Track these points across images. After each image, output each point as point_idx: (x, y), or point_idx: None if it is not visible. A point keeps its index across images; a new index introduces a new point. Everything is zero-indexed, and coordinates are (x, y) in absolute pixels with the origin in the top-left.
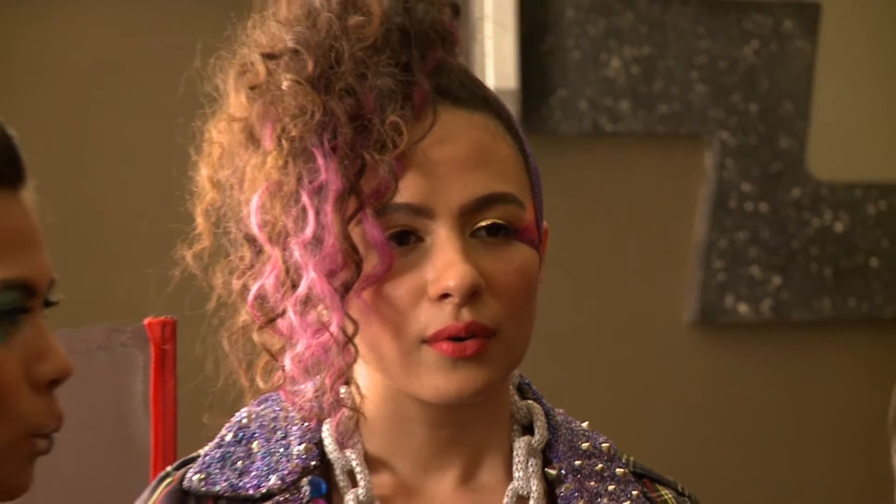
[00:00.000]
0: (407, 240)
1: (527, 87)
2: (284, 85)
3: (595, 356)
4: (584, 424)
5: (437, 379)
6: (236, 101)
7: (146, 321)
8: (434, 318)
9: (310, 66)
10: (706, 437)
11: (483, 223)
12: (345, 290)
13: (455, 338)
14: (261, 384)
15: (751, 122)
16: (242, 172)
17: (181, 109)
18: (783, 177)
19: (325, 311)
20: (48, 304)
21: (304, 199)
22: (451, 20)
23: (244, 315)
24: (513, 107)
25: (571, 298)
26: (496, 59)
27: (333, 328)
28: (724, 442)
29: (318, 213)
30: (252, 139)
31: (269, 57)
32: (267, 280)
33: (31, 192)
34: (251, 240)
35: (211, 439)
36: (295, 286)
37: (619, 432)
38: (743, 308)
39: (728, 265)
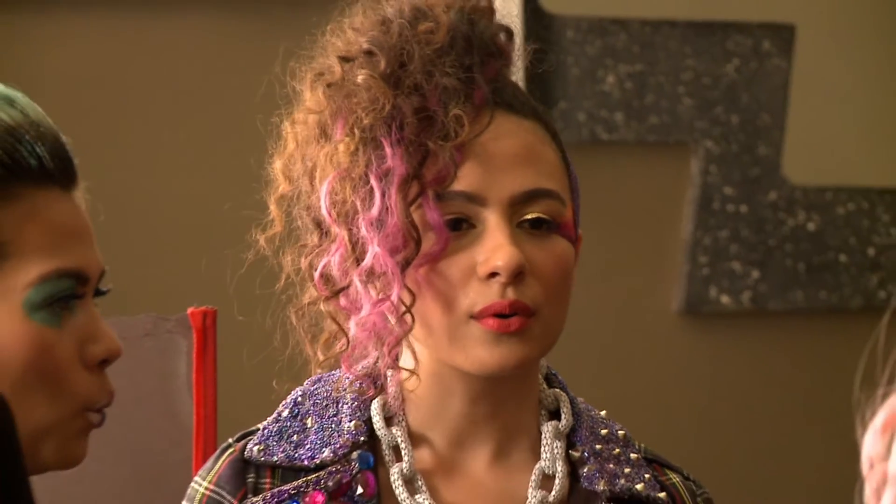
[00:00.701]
0: (460, 226)
1: (534, 99)
2: (359, 79)
3: (592, 341)
4: (603, 413)
5: (482, 351)
6: (312, 99)
7: (189, 311)
8: (482, 295)
9: (382, 64)
10: (691, 415)
11: (529, 216)
12: (404, 265)
13: (500, 315)
14: (321, 356)
15: (732, 132)
16: (314, 163)
17: (261, 107)
18: (761, 181)
19: (385, 285)
20: (99, 292)
21: (372, 182)
22: (507, 42)
23: (310, 293)
24: None
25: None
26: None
27: (394, 297)
28: (708, 420)
29: (383, 195)
30: (324, 133)
31: (345, 59)
32: (333, 257)
33: (83, 193)
34: (319, 224)
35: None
36: (359, 260)
37: (613, 412)
38: (725, 299)
39: (711, 260)
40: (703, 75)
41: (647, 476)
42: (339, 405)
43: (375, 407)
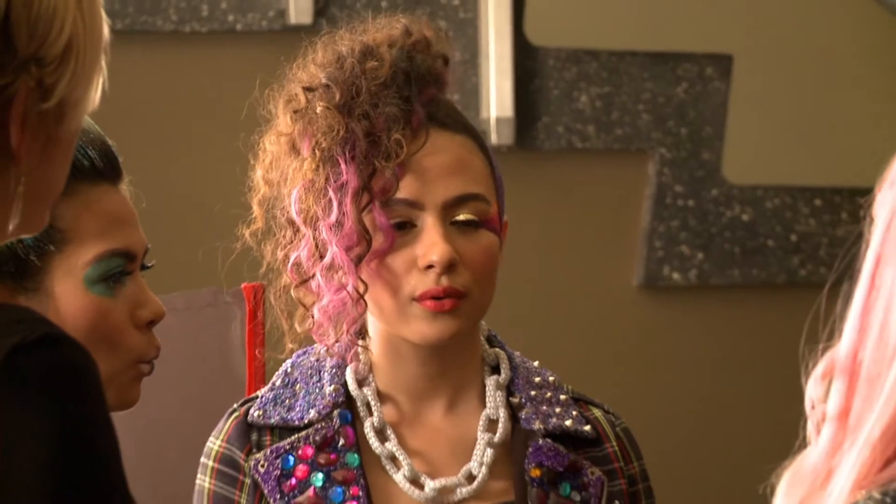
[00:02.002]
0: (404, 227)
1: (520, 116)
2: (318, 110)
3: (567, 309)
4: (535, 363)
5: (423, 327)
6: (283, 122)
7: (243, 286)
8: (421, 282)
9: (337, 96)
10: (648, 370)
11: (460, 217)
12: (358, 261)
13: (435, 297)
14: (297, 328)
15: (681, 142)
16: (286, 173)
17: (243, 127)
18: (705, 181)
19: (343, 276)
20: (144, 267)
21: (331, 193)
22: (443, 67)
23: (285, 278)
24: (510, 130)
25: (551, 269)
26: (498, 97)
27: (350, 288)
28: (662, 373)
29: (340, 204)
30: (294, 149)
31: (308, 89)
32: (301, 252)
33: (127, 186)
34: (291, 222)
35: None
36: (322, 256)
37: (583, 368)
38: (676, 276)
39: (665, 245)
40: (658, 95)
41: (574, 413)
42: (321, 373)
43: (349, 373)
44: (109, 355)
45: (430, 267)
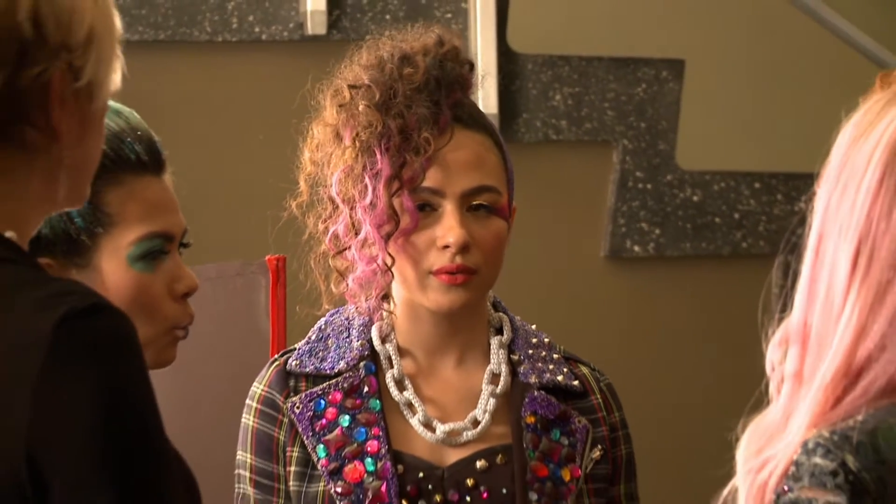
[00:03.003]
0: (426, 209)
1: (503, 112)
2: (360, 107)
3: (542, 276)
4: (533, 327)
5: (438, 297)
6: (329, 113)
7: (267, 258)
8: (438, 259)
9: (377, 96)
10: (613, 330)
11: (476, 202)
12: (387, 238)
13: (450, 272)
14: (333, 290)
15: (641, 134)
16: (329, 157)
17: (298, 113)
18: (661, 167)
19: (374, 250)
20: (183, 245)
21: (367, 179)
22: (469, 73)
23: (324, 247)
24: (495, 125)
25: (531, 241)
26: (484, 96)
27: (379, 260)
28: (625, 333)
29: (374, 189)
30: (337, 137)
31: (352, 87)
32: (339, 226)
33: (170, 176)
34: (331, 200)
35: (302, 333)
36: (357, 233)
37: (556, 330)
38: (636, 248)
39: (627, 222)
40: (621, 95)
41: (565, 370)
42: (350, 330)
43: (374, 330)
44: (148, 322)
45: (446, 247)
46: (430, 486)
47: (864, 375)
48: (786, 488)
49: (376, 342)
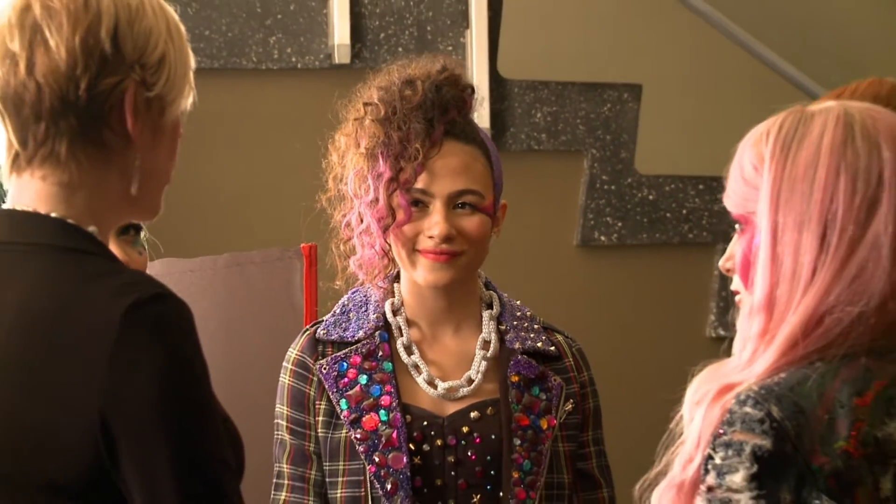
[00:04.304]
0: (418, 206)
1: (494, 127)
2: (367, 122)
3: (523, 263)
4: (518, 302)
5: (426, 274)
6: (349, 125)
7: (302, 246)
8: (425, 244)
9: (382, 112)
10: (584, 308)
11: (460, 202)
12: (385, 228)
13: (434, 253)
14: (351, 266)
15: (607, 145)
16: (347, 161)
17: (327, 126)
18: (622, 172)
19: (374, 238)
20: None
21: (370, 180)
22: (469, 95)
23: (341, 234)
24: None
25: (516, 233)
26: (477, 114)
27: (377, 246)
28: (594, 310)
29: (376, 188)
30: (356, 144)
31: (365, 104)
32: (352, 217)
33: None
34: (346, 196)
35: (330, 306)
36: (362, 222)
37: (536, 308)
38: (603, 238)
39: (595, 216)
40: (591, 113)
41: (543, 338)
42: (367, 305)
43: (387, 305)
44: None
45: (432, 237)
46: (432, 433)
47: (822, 325)
48: (721, 431)
49: (389, 315)
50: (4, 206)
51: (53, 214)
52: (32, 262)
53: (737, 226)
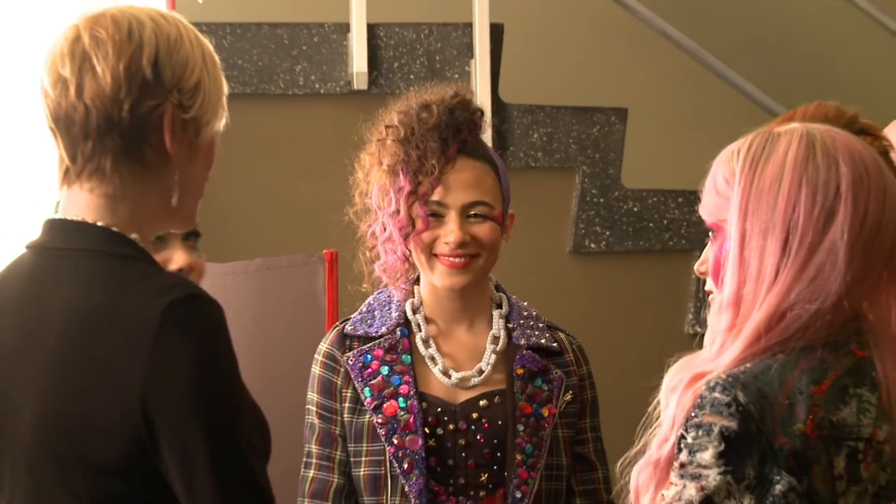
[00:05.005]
0: (435, 216)
1: (495, 146)
2: (388, 142)
3: (523, 268)
4: (525, 303)
5: (444, 279)
6: (372, 145)
7: (324, 252)
8: (442, 250)
9: (402, 133)
10: (574, 306)
11: (472, 212)
12: (406, 236)
13: (451, 258)
14: (376, 271)
15: (596, 162)
16: (371, 177)
17: (355, 146)
18: (610, 187)
19: (395, 245)
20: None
21: (392, 194)
22: (479, 118)
23: (367, 242)
24: None
25: (515, 240)
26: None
27: (399, 252)
28: (585, 309)
29: (397, 201)
30: (378, 163)
31: (387, 126)
32: (376, 227)
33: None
34: (371, 208)
35: (352, 309)
36: (385, 231)
37: (535, 306)
38: (592, 245)
39: (585, 226)
40: (581, 133)
41: (547, 335)
42: (390, 304)
43: (408, 305)
44: None
45: (447, 243)
46: (445, 418)
47: (783, 320)
48: (693, 414)
49: (409, 313)
50: (57, 216)
51: (100, 223)
52: (82, 266)
53: (710, 233)
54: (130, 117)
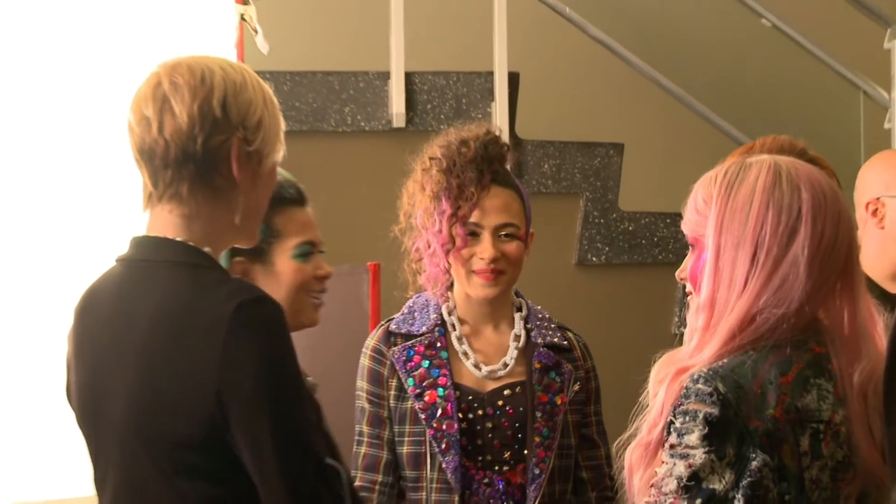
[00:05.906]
0: (473, 236)
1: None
2: (433, 171)
3: (534, 279)
4: (539, 307)
5: (478, 290)
6: (417, 173)
7: (368, 263)
8: (478, 265)
9: (444, 164)
10: (578, 312)
11: (503, 233)
12: (447, 251)
13: (486, 273)
14: (420, 281)
15: (597, 188)
16: (416, 201)
17: (401, 174)
18: (609, 209)
19: (438, 259)
20: (321, 251)
21: (436, 215)
22: (506, 152)
23: (412, 255)
24: None
25: (527, 256)
26: None
27: (441, 265)
28: (588, 313)
29: (440, 222)
30: (423, 188)
31: (431, 158)
32: (420, 243)
33: (310, 207)
34: (415, 227)
35: (391, 311)
36: (429, 248)
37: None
38: (594, 259)
39: (589, 242)
40: (585, 165)
41: (559, 335)
42: (429, 307)
43: (444, 308)
44: (303, 292)
45: (482, 259)
46: (475, 405)
47: (754, 323)
48: (680, 403)
49: (445, 315)
50: (143, 234)
51: (178, 238)
52: (165, 274)
53: (690, 246)
54: (203, 150)
